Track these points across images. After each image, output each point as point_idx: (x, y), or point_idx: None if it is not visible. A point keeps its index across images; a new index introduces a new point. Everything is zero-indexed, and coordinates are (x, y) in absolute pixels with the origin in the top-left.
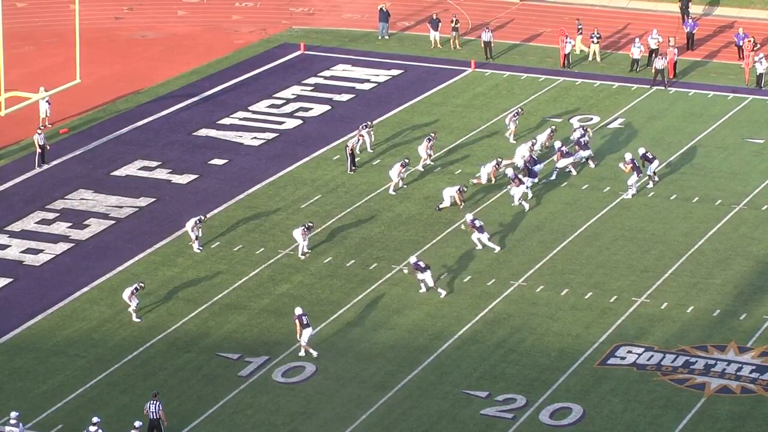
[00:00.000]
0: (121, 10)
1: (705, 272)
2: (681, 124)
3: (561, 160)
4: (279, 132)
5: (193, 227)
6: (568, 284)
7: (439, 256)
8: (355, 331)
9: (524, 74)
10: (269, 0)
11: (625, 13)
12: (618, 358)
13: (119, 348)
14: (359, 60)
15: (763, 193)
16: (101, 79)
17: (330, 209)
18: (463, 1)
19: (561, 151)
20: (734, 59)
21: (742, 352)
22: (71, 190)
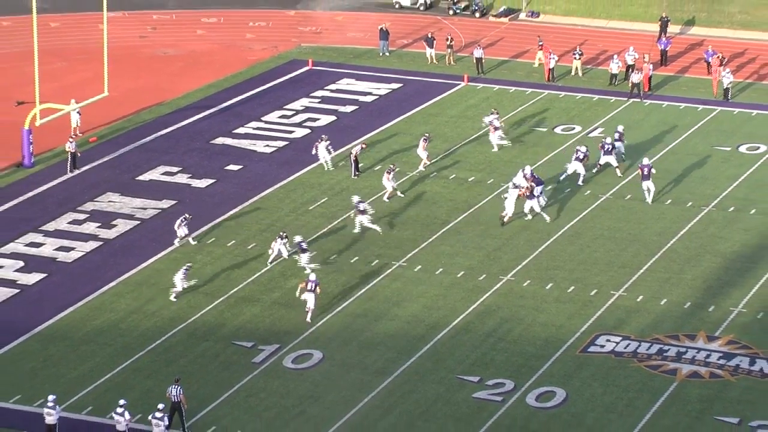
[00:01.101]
0: (145, 30)
1: (677, 268)
2: (655, 134)
3: (571, 163)
4: (289, 140)
5: (179, 225)
6: (553, 279)
7: (435, 254)
8: (358, 322)
9: (513, 87)
10: (280, 20)
11: (605, 32)
12: (598, 346)
13: (144, 337)
14: (362, 75)
15: (730, 196)
16: (127, 92)
17: (335, 211)
18: (457, 21)
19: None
20: (704, 74)
21: (710, 341)
22: (100, 193)
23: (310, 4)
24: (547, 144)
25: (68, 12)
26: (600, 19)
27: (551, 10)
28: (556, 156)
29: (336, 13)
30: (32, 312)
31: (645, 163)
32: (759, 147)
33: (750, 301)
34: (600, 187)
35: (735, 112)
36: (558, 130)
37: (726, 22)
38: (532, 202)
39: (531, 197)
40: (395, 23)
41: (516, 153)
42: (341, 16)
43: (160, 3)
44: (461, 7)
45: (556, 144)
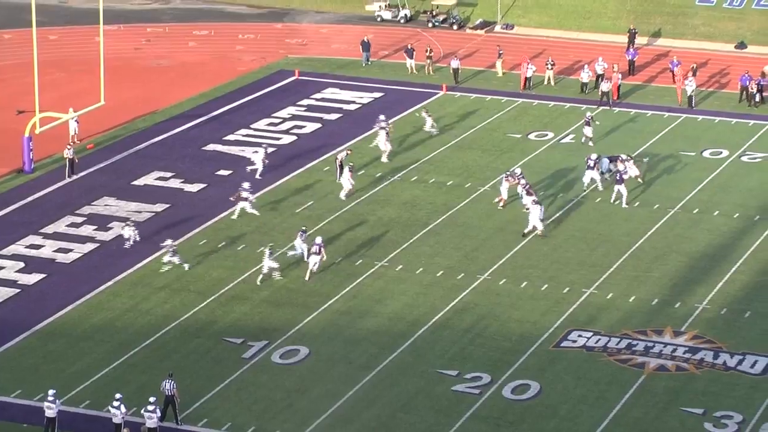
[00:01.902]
0: (139, 42)
1: (645, 267)
2: (624, 139)
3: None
4: (277, 146)
5: (124, 226)
6: (527, 278)
7: (415, 254)
8: (343, 319)
9: (489, 96)
10: (268, 33)
11: (576, 43)
12: (570, 342)
13: (139, 334)
14: (346, 84)
15: (695, 199)
16: (123, 102)
17: (321, 213)
18: (436, 33)
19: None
20: (669, 83)
21: (676, 336)
22: (97, 197)
23: (297, 17)
24: (521, 150)
25: (66, 25)
26: (571, 31)
27: (525, 23)
28: (530, 161)
29: (321, 26)
30: (33, 310)
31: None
32: (721, 152)
33: (714, 297)
34: (572, 191)
35: (699, 119)
36: (532, 137)
37: (690, 33)
38: (535, 210)
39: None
40: (377, 35)
41: (492, 158)
42: (326, 28)
43: (154, 17)
44: (440, 20)
45: (529, 150)
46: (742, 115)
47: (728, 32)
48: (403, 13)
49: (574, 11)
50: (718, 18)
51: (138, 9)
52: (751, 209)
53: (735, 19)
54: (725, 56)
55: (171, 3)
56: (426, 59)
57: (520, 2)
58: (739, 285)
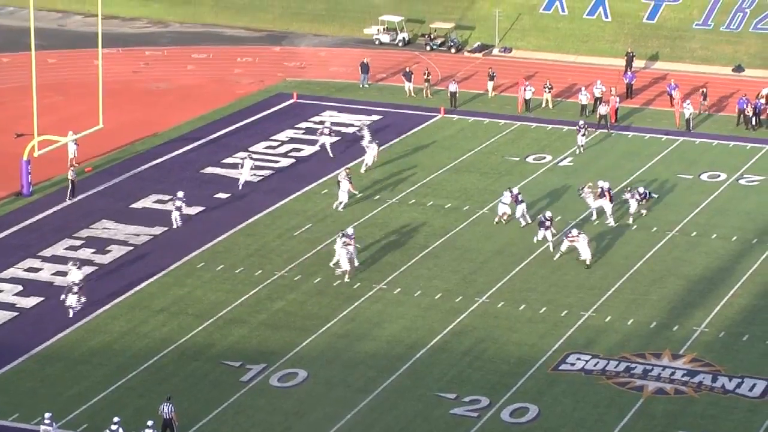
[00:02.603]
0: (138, 65)
1: (643, 290)
2: (621, 162)
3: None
4: (275, 169)
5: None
6: (526, 300)
7: (413, 277)
8: (341, 342)
9: (487, 119)
10: (266, 56)
11: (574, 66)
12: (568, 365)
13: (136, 357)
14: (344, 107)
15: (692, 222)
16: (121, 125)
17: (319, 236)
18: (434, 57)
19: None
20: (667, 106)
21: (675, 359)
22: (95, 220)
23: (295, 40)
24: (519, 172)
25: (65, 49)
26: (569, 54)
27: (523, 46)
28: (528, 183)
29: (319, 49)
30: (30, 334)
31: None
32: (719, 175)
33: (712, 320)
34: (568, 213)
35: (696, 142)
36: (530, 159)
37: (687, 57)
38: (547, 232)
39: (547, 228)
40: (375, 59)
41: (490, 181)
42: (324, 51)
43: (152, 40)
44: (438, 43)
45: (527, 172)
46: (740, 138)
47: (725, 55)
48: (401, 37)
49: (571, 35)
50: (716, 41)
51: (137, 32)
52: (749, 232)
53: (732, 42)
54: (723, 79)
55: (169, 26)
56: (424, 82)
57: (518, 26)
58: (737, 308)
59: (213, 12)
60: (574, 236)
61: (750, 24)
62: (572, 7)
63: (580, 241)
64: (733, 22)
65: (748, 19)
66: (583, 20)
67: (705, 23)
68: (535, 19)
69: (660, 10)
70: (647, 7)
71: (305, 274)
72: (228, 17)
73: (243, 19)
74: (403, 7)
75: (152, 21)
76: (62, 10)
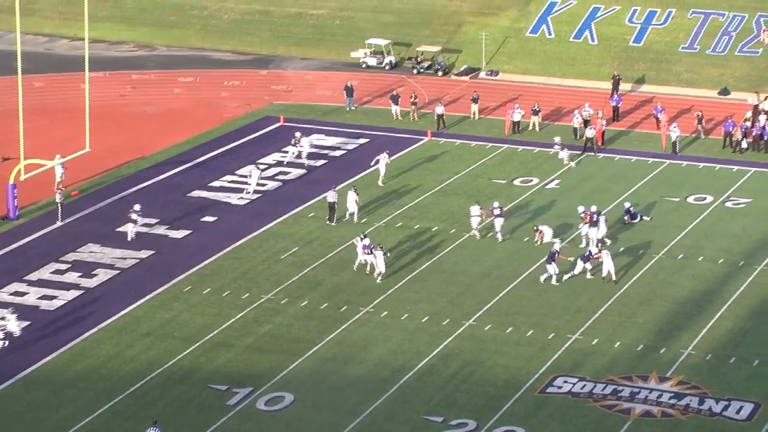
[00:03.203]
0: (125, 89)
1: (630, 312)
2: (608, 185)
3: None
4: (262, 193)
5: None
6: (513, 323)
7: (400, 300)
8: (328, 365)
9: (473, 142)
10: (253, 79)
11: (560, 89)
12: (556, 387)
13: (123, 381)
14: (331, 130)
15: (679, 244)
16: (108, 148)
17: (306, 259)
18: (421, 80)
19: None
20: (653, 129)
21: (662, 381)
22: (82, 244)
23: (282, 64)
24: (506, 195)
25: (52, 72)
26: (556, 78)
27: (510, 69)
28: (514, 206)
29: (306, 72)
30: (17, 358)
31: (593, 210)
32: (705, 198)
33: (699, 343)
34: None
35: (683, 164)
36: (516, 182)
37: (674, 80)
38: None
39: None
40: (362, 82)
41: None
42: (311, 75)
43: (139, 63)
44: (424, 66)
45: (514, 195)
46: (726, 161)
47: (711, 78)
48: (388, 60)
49: (558, 58)
50: (702, 64)
51: (123, 56)
52: (736, 255)
53: (718, 65)
54: (709, 102)
55: (156, 50)
56: (411, 105)
57: (504, 49)
58: (724, 330)
59: (199, 35)
60: (597, 254)
61: (736, 47)
62: (559, 31)
63: (604, 257)
64: (719, 45)
65: (734, 42)
66: (570, 43)
67: (691, 46)
68: (521, 43)
69: (646, 34)
70: (633, 30)
71: (292, 298)
72: (214, 41)
73: (229, 43)
74: (389, 31)
75: (139, 45)
76: (49, 34)
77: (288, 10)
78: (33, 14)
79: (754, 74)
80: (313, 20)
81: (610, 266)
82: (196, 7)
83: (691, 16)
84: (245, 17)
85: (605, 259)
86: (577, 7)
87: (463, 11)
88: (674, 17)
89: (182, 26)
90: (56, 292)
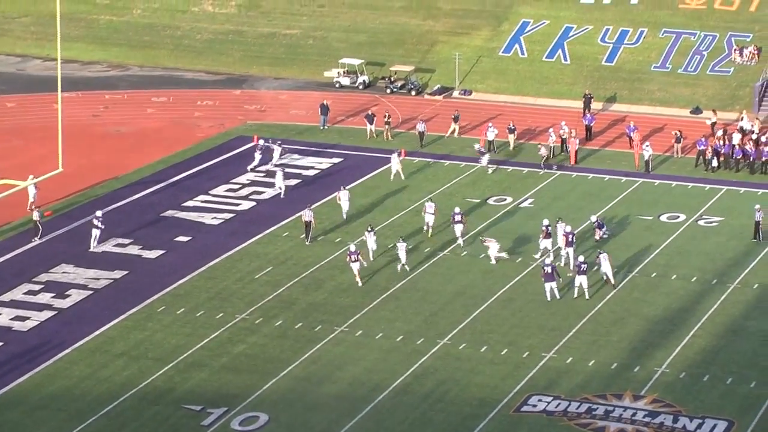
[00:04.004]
0: (98, 109)
1: (604, 331)
2: (581, 204)
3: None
4: (236, 212)
5: None
6: (487, 342)
7: (375, 319)
8: (302, 385)
9: (447, 161)
10: (227, 99)
11: (533, 109)
12: (530, 406)
13: (96, 402)
14: (305, 150)
15: (652, 263)
16: (81, 168)
17: (280, 279)
18: (394, 99)
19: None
20: (626, 148)
21: (636, 400)
22: (55, 264)
23: (255, 83)
24: (480, 214)
25: (24, 93)
26: (529, 97)
27: (483, 88)
28: (489, 225)
29: (280, 92)
30: None
31: (568, 231)
32: (678, 216)
33: (672, 361)
34: (530, 254)
35: (656, 183)
36: (490, 201)
37: (646, 99)
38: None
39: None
40: (336, 102)
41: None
42: (285, 95)
43: (112, 83)
44: (398, 86)
45: (488, 214)
46: (699, 180)
47: (683, 97)
48: (361, 80)
49: (531, 77)
50: (674, 84)
51: (96, 76)
52: (709, 273)
53: (690, 84)
54: (681, 121)
55: (129, 70)
56: (384, 125)
57: (477, 68)
58: (697, 348)
59: (173, 55)
60: (597, 259)
61: (707, 66)
62: (531, 50)
63: (602, 261)
64: (691, 64)
65: (706, 61)
66: (543, 63)
67: (663, 65)
68: (494, 62)
69: (618, 53)
70: (606, 49)
71: (266, 317)
72: (188, 61)
73: (203, 63)
74: (363, 50)
75: (112, 65)
76: (21, 54)
77: (261, 30)
78: (5, 34)
79: (725, 93)
80: (287, 40)
81: (608, 270)
82: (169, 27)
83: (663, 35)
84: (218, 37)
85: (603, 264)
86: (550, 26)
87: (436, 31)
88: (646, 37)
89: (155, 46)
90: (29, 312)
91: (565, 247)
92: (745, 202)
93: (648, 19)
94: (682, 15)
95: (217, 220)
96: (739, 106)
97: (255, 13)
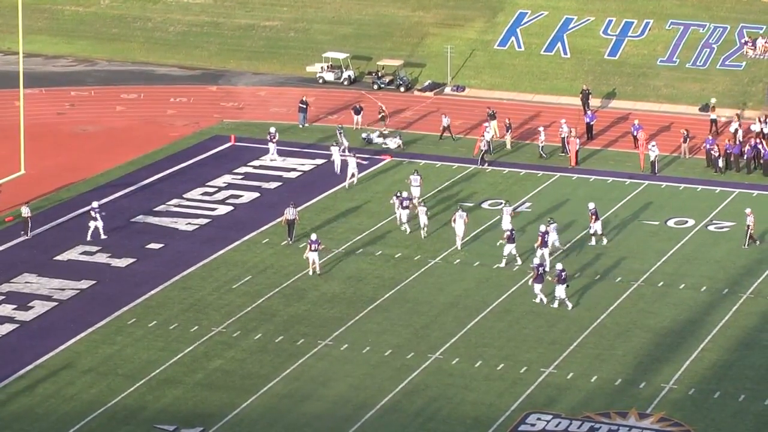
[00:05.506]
0: (63, 106)
1: (607, 344)
2: (583, 208)
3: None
4: (212, 218)
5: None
6: (482, 356)
7: (361, 332)
8: (284, 403)
9: (439, 162)
10: (202, 96)
11: (531, 106)
12: (528, 425)
13: (62, 422)
14: (286, 150)
15: (659, 271)
16: (45, 170)
17: (260, 289)
18: (381, 96)
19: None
20: (630, 148)
21: (642, 418)
22: (16, 274)
23: (233, 79)
24: (475, 218)
25: None
26: (526, 93)
27: (477, 84)
28: (483, 230)
29: (259, 88)
30: None
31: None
32: (687, 221)
33: (681, 377)
34: (526, 263)
35: (663, 185)
36: (485, 205)
37: (652, 95)
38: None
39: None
40: (319, 98)
41: (444, 228)
42: (264, 91)
43: (78, 79)
44: (386, 81)
45: (483, 218)
46: (708, 182)
47: (692, 94)
48: (346, 75)
49: (528, 72)
50: (681, 79)
51: (61, 71)
52: (719, 282)
53: (699, 80)
54: (689, 119)
55: (97, 65)
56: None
57: (471, 63)
58: (707, 363)
59: (143, 49)
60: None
61: (717, 60)
62: (529, 43)
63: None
64: (700, 58)
65: (716, 55)
66: (541, 57)
67: (670, 60)
68: (489, 56)
69: (622, 46)
70: (608, 42)
71: (245, 330)
72: (160, 54)
73: (176, 57)
74: (348, 44)
75: (78, 59)
76: None
77: (239, 22)
78: None
79: (737, 89)
80: (266, 32)
81: (556, 238)
82: (139, 19)
83: (670, 27)
84: (193, 29)
85: (552, 234)
86: (549, 18)
87: (426, 22)
88: (652, 29)
89: (125, 39)
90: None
91: (540, 248)
92: (759, 205)
93: (653, 9)
94: (690, 5)
95: (191, 225)
96: (752, 103)
97: (232, 4)
